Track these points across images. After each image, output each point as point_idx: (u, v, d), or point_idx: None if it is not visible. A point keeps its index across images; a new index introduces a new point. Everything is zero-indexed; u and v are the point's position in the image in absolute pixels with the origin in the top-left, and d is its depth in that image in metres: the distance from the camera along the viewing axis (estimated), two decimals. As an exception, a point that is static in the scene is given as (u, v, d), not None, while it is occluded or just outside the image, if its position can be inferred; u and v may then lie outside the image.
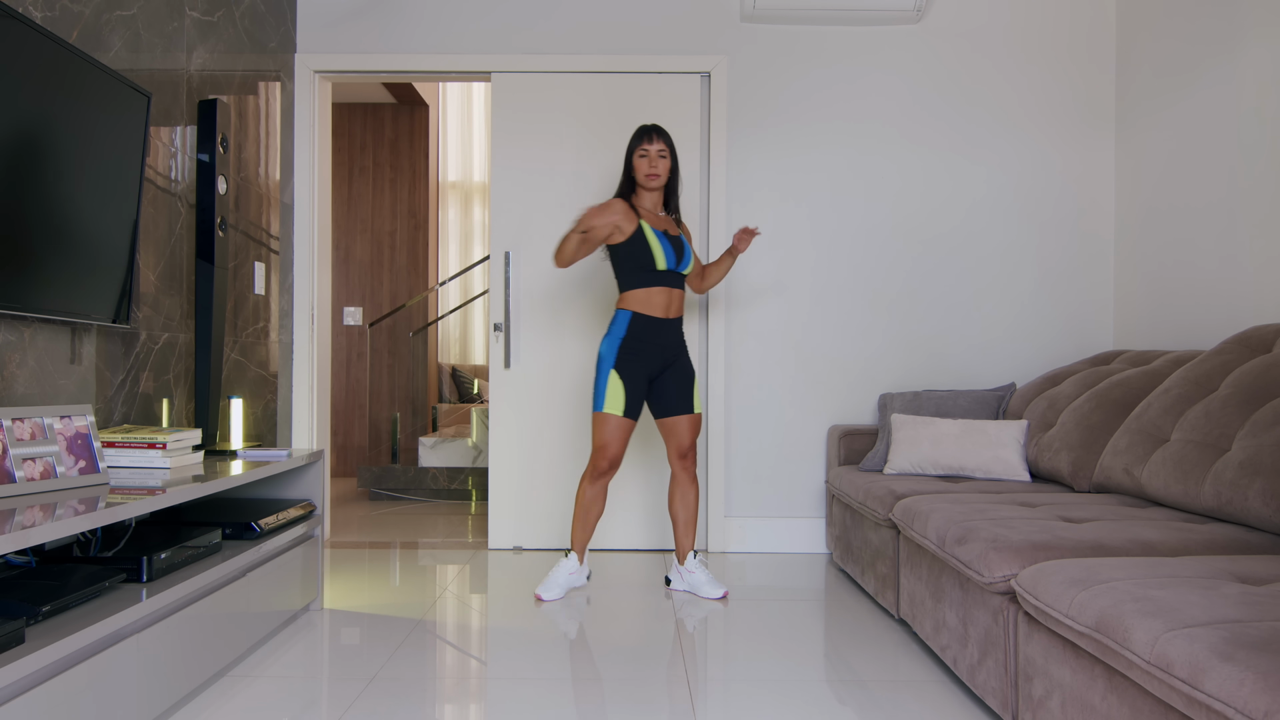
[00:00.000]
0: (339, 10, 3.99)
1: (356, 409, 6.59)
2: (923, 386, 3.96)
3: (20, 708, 1.52)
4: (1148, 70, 3.72)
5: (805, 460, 3.98)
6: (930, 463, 3.26)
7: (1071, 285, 3.98)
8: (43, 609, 1.67)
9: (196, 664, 2.16)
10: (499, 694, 2.29)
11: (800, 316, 3.97)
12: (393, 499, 5.42)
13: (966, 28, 3.97)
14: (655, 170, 3.10)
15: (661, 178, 3.12)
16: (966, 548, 2.13)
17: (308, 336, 4.01)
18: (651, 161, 3.10)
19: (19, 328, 2.23)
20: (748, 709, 2.17)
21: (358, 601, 3.12)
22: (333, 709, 2.14)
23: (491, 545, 3.99)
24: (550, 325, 3.97)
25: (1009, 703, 1.96)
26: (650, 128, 3.14)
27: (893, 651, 2.61)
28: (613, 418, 3.06)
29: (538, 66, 3.96)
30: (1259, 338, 2.58)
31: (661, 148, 3.11)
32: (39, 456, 1.99)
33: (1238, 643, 1.29)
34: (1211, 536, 2.08)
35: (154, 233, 2.85)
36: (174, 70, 2.97)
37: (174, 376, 2.99)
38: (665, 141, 3.13)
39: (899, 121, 3.97)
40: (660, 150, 3.11)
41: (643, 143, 3.11)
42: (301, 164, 3.99)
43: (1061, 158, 3.98)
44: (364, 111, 6.68)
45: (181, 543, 2.19)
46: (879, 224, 3.97)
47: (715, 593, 3.16)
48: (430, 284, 6.69)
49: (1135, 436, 2.64)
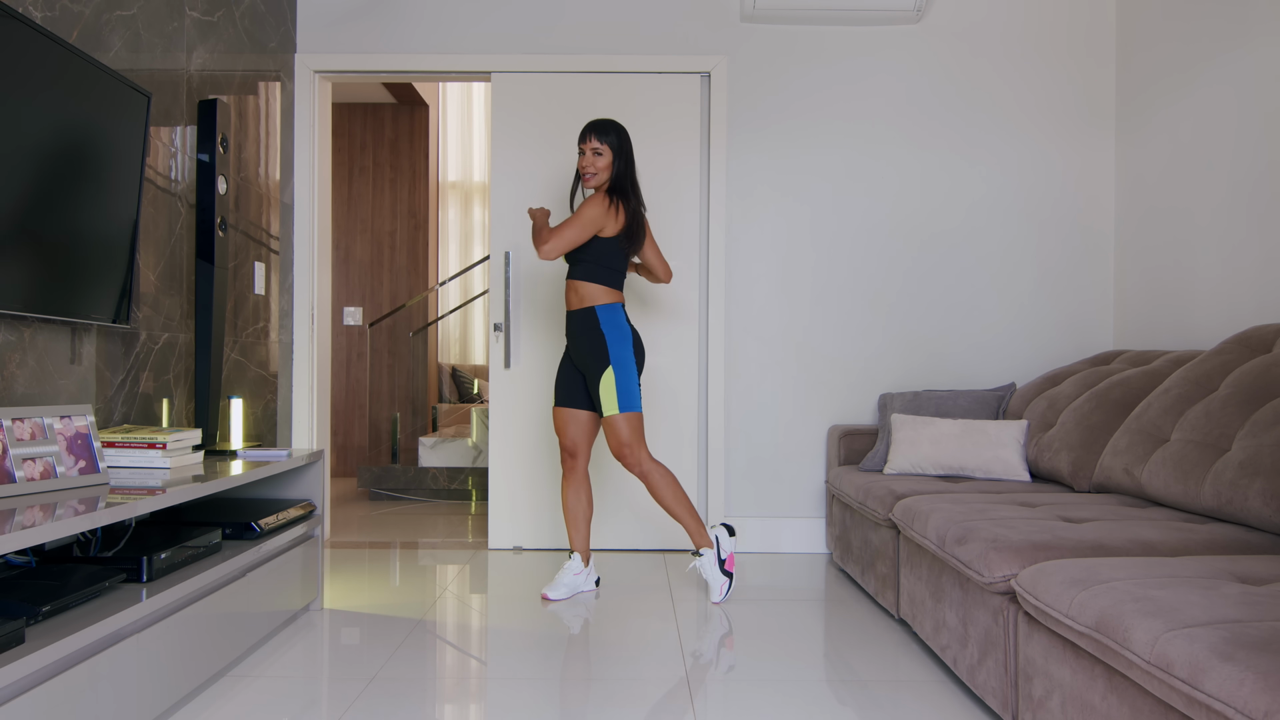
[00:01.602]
0: (339, 10, 3.99)
1: (356, 409, 6.59)
2: (923, 386, 3.96)
3: (20, 708, 1.52)
4: (1148, 69, 3.72)
5: (805, 460, 3.98)
6: (930, 463, 3.26)
7: (1071, 285, 3.98)
8: (43, 609, 1.67)
9: (196, 664, 2.16)
10: (499, 694, 2.29)
11: (800, 316, 3.97)
12: (393, 499, 5.43)
13: (966, 27, 3.97)
14: (588, 167, 3.10)
15: (599, 175, 3.10)
16: (966, 548, 2.13)
17: (308, 336, 4.01)
18: (586, 159, 3.10)
19: (19, 328, 2.23)
20: (748, 709, 2.17)
21: (358, 601, 3.12)
22: (333, 709, 2.14)
23: (491, 545, 3.99)
24: (550, 325, 3.97)
25: (1009, 703, 1.96)
26: (589, 124, 3.12)
27: (893, 651, 2.61)
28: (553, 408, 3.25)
29: (538, 66, 3.96)
30: (1259, 338, 2.58)
31: (596, 145, 3.09)
32: (39, 456, 1.99)
33: (1238, 643, 1.29)
34: (1211, 536, 2.08)
35: (154, 233, 2.85)
36: (174, 70, 2.97)
37: (174, 376, 2.99)
38: (602, 139, 3.09)
39: (899, 121, 3.97)
40: (595, 148, 3.09)
41: (580, 140, 3.12)
42: (301, 164, 3.99)
43: (1062, 157, 3.98)
44: (364, 111, 6.68)
45: (181, 543, 2.19)
46: (879, 224, 3.97)
47: (712, 594, 3.14)
48: (430, 284, 6.69)
49: (1135, 436, 2.64)
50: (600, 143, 3.08)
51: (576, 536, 3.23)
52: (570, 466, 3.22)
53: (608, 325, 3.07)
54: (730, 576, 3.15)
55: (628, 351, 3.08)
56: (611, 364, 3.05)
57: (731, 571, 3.16)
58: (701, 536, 3.14)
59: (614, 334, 3.07)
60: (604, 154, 3.09)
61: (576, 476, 3.23)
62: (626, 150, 3.12)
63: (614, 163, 3.10)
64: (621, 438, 3.07)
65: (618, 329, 3.08)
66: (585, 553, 3.24)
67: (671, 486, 3.12)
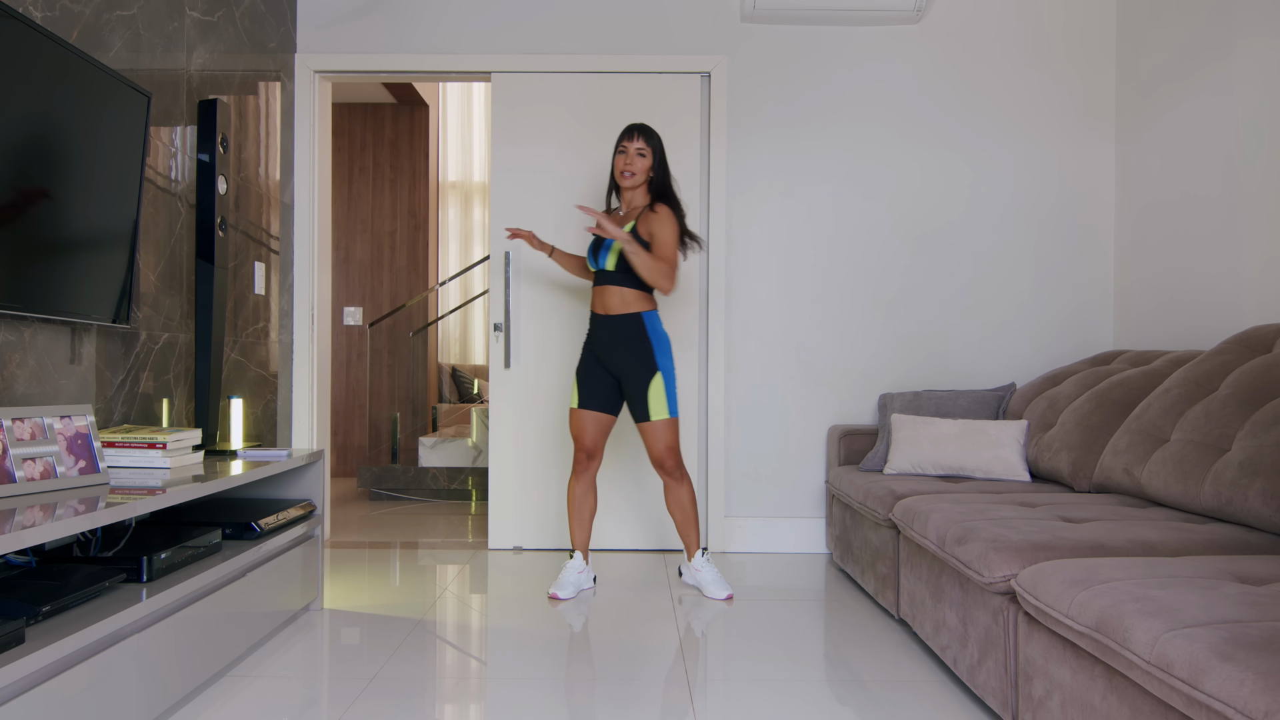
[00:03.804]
0: (339, 10, 3.99)
1: (356, 409, 6.59)
2: (923, 386, 3.96)
3: (20, 708, 1.52)
4: (1147, 70, 3.72)
5: (805, 460, 3.97)
6: (930, 463, 3.26)
7: (1071, 285, 3.98)
8: (43, 609, 1.67)
9: (196, 664, 2.16)
10: (499, 694, 2.29)
11: (800, 316, 3.97)
12: (393, 499, 5.42)
13: (966, 28, 3.97)
14: (629, 167, 3.08)
15: (637, 176, 3.10)
16: (966, 548, 2.13)
17: (308, 336, 4.01)
18: (628, 158, 3.09)
19: (19, 328, 2.23)
20: (748, 709, 2.17)
21: (358, 601, 3.12)
22: (333, 709, 2.14)
23: (491, 545, 3.99)
24: (550, 325, 3.97)
25: (1009, 703, 1.96)
26: (633, 125, 3.12)
27: (893, 651, 2.61)
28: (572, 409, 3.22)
29: (538, 66, 3.96)
30: (1259, 338, 2.58)
31: (641, 145, 3.08)
32: (39, 456, 1.99)
33: (1238, 643, 1.29)
34: (1211, 536, 2.08)
35: (154, 233, 2.85)
36: (174, 70, 2.97)
37: (174, 376, 2.99)
38: (646, 140, 3.09)
39: (899, 122, 3.97)
40: (639, 148, 3.08)
41: (622, 140, 3.11)
42: (301, 164, 3.99)
43: (1061, 158, 3.98)
44: (364, 111, 6.68)
45: (181, 543, 2.19)
46: (879, 224, 3.97)
47: (719, 593, 3.16)
48: (430, 284, 6.69)
49: (1135, 436, 2.64)
50: (646, 144, 3.09)
51: (579, 535, 3.25)
52: (585, 467, 3.22)
53: (653, 332, 3.11)
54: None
55: (670, 358, 3.13)
56: (660, 370, 3.09)
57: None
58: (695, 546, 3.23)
59: (659, 341, 3.11)
60: (647, 156, 3.10)
61: (588, 477, 3.24)
62: (663, 156, 3.15)
63: (654, 166, 3.12)
64: (670, 442, 3.11)
65: (660, 336, 3.12)
66: (585, 551, 3.26)
67: (693, 496, 3.21)
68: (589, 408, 3.19)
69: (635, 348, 3.09)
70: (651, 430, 3.10)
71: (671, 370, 3.11)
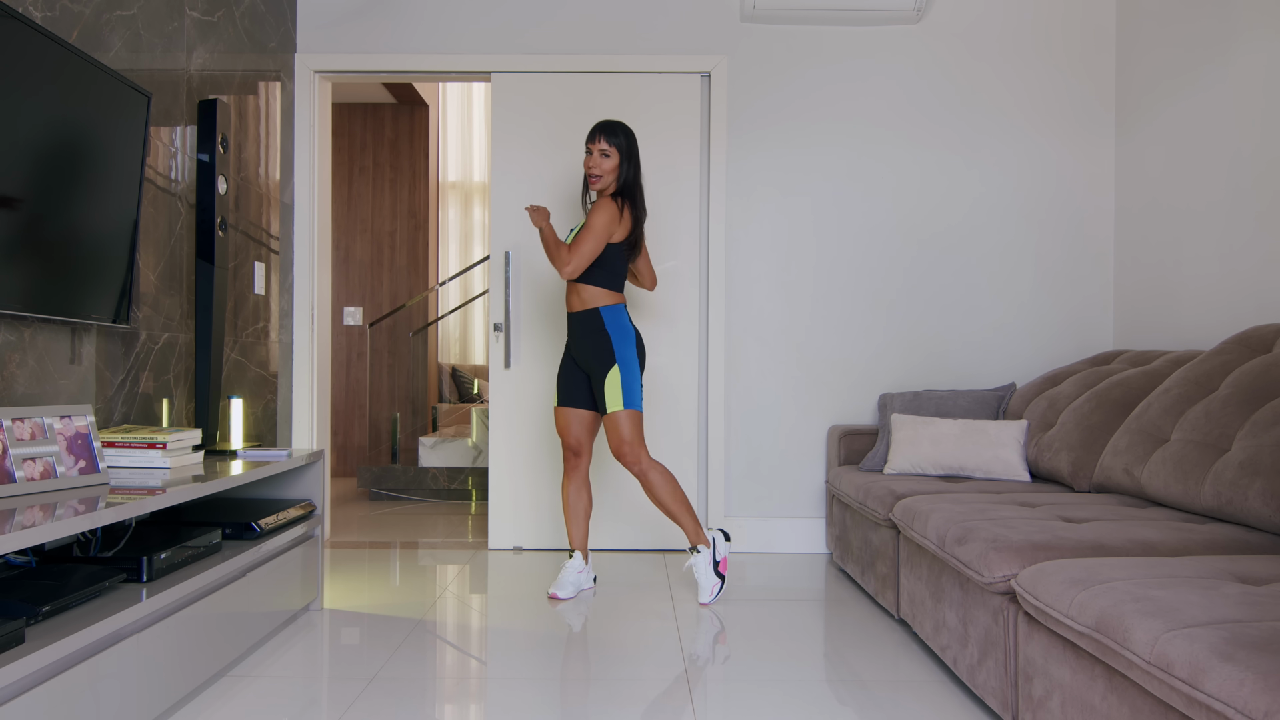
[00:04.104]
0: (339, 10, 3.99)
1: (356, 409, 6.59)
2: (923, 386, 3.96)
3: (20, 708, 1.52)
4: (1147, 70, 3.72)
5: (805, 460, 3.98)
6: (930, 463, 3.26)
7: (1071, 285, 3.98)
8: (43, 609, 1.67)
9: (196, 664, 2.16)
10: (499, 694, 2.29)
11: (800, 316, 3.97)
12: (393, 499, 5.42)
13: (966, 28, 3.97)
14: (593, 169, 3.08)
15: (604, 178, 3.09)
16: (966, 548, 2.13)
17: (308, 336, 4.01)
18: (593, 160, 3.09)
19: (19, 328, 2.23)
20: (747, 709, 2.17)
21: (358, 601, 3.12)
22: (333, 709, 2.14)
23: (491, 545, 3.99)
24: (550, 325, 3.97)
25: (1009, 703, 1.96)
26: (597, 125, 3.11)
27: (893, 651, 2.61)
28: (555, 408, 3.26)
29: (538, 66, 3.96)
30: (1259, 338, 2.58)
31: (605, 146, 3.07)
32: (39, 456, 1.99)
33: (1238, 643, 1.29)
34: (1211, 536, 2.08)
35: (154, 233, 2.85)
36: (174, 70, 2.97)
37: (174, 376, 2.99)
38: (609, 139, 3.08)
39: (899, 121, 3.97)
40: (603, 149, 3.07)
41: (587, 141, 3.11)
42: (301, 164, 3.99)
43: (1061, 158, 3.98)
44: (364, 111, 6.68)
45: (181, 543, 2.19)
46: (879, 224, 3.97)
47: (701, 595, 3.14)
48: (430, 284, 6.69)
49: (1135, 436, 2.64)
50: (609, 144, 3.07)
51: (576, 534, 3.25)
52: (574, 465, 3.24)
53: (612, 326, 3.09)
54: (722, 579, 3.15)
55: (632, 351, 3.10)
56: (617, 362, 3.07)
57: (724, 574, 3.16)
58: (698, 535, 3.14)
59: (618, 334, 3.09)
60: (611, 155, 3.08)
61: (579, 475, 3.25)
62: (634, 154, 3.12)
63: (620, 165, 3.10)
64: (623, 434, 3.07)
65: (621, 329, 3.10)
66: (585, 550, 3.26)
67: (669, 485, 3.12)
68: (567, 405, 3.21)
69: (596, 341, 3.10)
70: (609, 422, 3.10)
71: (633, 362, 3.09)
